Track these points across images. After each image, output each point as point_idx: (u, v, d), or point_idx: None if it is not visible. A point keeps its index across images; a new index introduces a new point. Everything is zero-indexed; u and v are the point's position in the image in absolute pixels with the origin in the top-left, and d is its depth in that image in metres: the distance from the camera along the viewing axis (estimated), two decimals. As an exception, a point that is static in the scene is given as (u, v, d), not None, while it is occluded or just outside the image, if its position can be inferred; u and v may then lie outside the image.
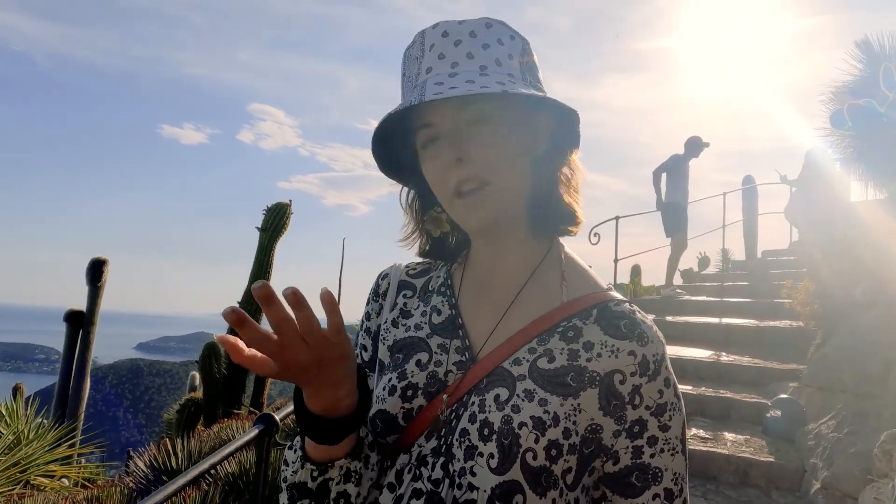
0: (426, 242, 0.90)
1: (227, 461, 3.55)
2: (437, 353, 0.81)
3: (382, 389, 0.81)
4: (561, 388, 0.73)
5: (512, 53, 0.78)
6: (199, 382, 7.52)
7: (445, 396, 0.77)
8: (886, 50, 4.57)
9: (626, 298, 0.82)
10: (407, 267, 0.95)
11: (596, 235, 8.24)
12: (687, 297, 8.24)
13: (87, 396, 7.64)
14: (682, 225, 7.76)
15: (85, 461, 6.64)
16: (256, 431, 2.38)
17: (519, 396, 0.73)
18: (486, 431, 0.72)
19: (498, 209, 0.77)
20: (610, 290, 0.83)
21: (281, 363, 0.61)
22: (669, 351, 0.80)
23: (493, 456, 0.70)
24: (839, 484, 3.21)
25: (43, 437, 5.75)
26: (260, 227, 7.48)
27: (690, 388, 5.02)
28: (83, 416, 7.49)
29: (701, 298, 8.18)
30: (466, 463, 0.72)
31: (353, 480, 0.75)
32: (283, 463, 0.79)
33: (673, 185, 7.67)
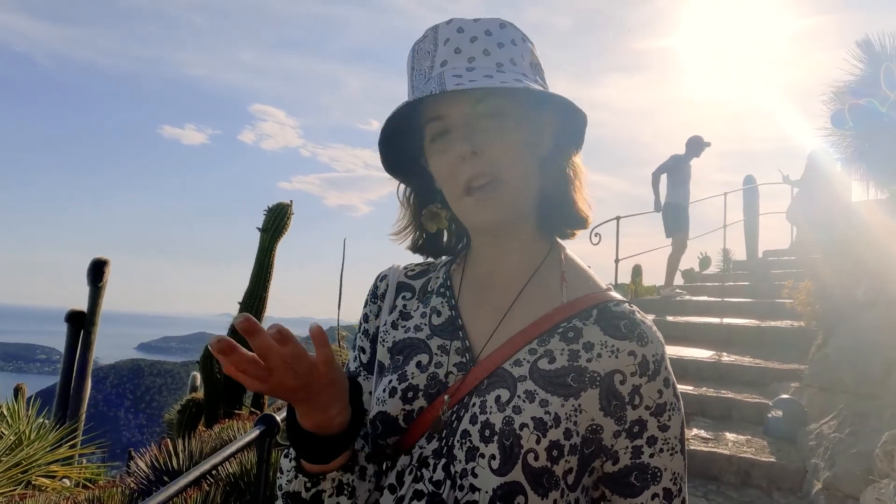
0: (419, 237, 0.90)
1: (228, 462, 3.56)
2: (437, 354, 0.81)
3: (383, 391, 0.81)
4: (562, 388, 0.74)
5: (524, 55, 0.79)
6: (199, 383, 7.52)
7: (447, 397, 0.77)
8: (887, 50, 4.57)
9: (625, 299, 0.82)
10: (405, 268, 0.94)
11: (597, 235, 8.24)
12: (687, 297, 8.24)
13: (88, 397, 7.65)
14: (682, 226, 7.74)
15: (86, 461, 6.65)
16: (258, 432, 2.38)
17: (520, 397, 0.73)
18: (487, 433, 0.72)
19: (508, 207, 0.77)
20: (609, 290, 0.83)
21: (268, 386, 0.63)
22: (670, 351, 0.80)
23: (494, 457, 0.70)
24: (841, 484, 3.20)
25: (44, 437, 5.75)
26: (261, 227, 7.48)
27: (692, 388, 5.01)
28: (84, 416, 7.50)
29: (702, 298, 8.16)
30: (468, 464, 0.72)
31: (345, 493, 0.75)
32: (279, 470, 0.79)
33: (673, 185, 7.65)
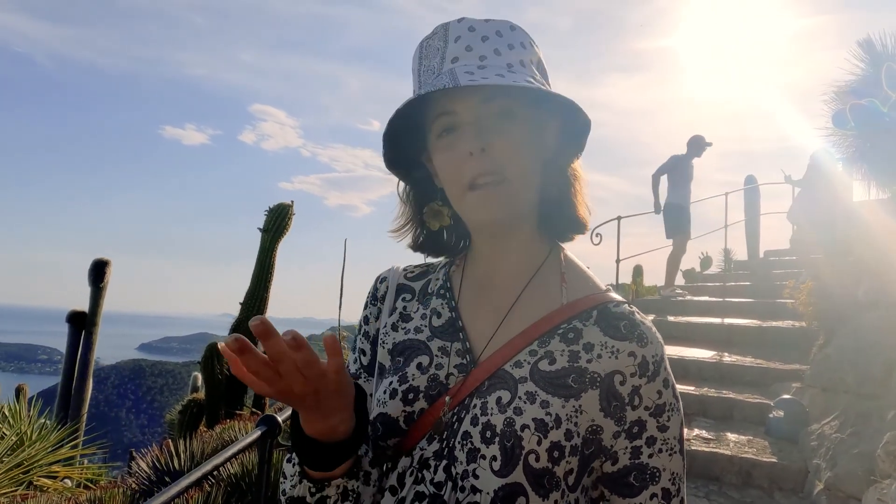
0: (420, 235, 0.89)
1: (229, 462, 3.56)
2: (437, 355, 0.81)
3: (383, 393, 0.81)
4: (562, 389, 0.74)
5: (531, 58, 0.79)
6: (201, 383, 7.52)
7: (448, 398, 0.77)
8: (889, 49, 4.56)
9: (624, 299, 0.82)
10: (405, 270, 0.94)
11: (598, 236, 8.23)
12: (688, 297, 8.23)
13: (89, 397, 7.66)
14: (682, 227, 7.71)
15: (87, 462, 6.65)
16: (259, 433, 2.38)
17: (521, 399, 0.73)
18: (488, 434, 0.72)
19: (510, 207, 0.77)
20: (609, 291, 0.83)
21: (276, 390, 0.62)
22: (672, 351, 0.80)
23: (495, 458, 0.70)
24: (842, 485, 3.20)
25: (46, 437, 5.76)
26: (262, 227, 7.48)
27: (693, 388, 5.00)
28: (86, 416, 7.51)
29: (703, 299, 8.16)
30: (469, 465, 0.72)
31: (350, 499, 0.75)
32: (281, 475, 0.79)
33: (674, 186, 7.63)
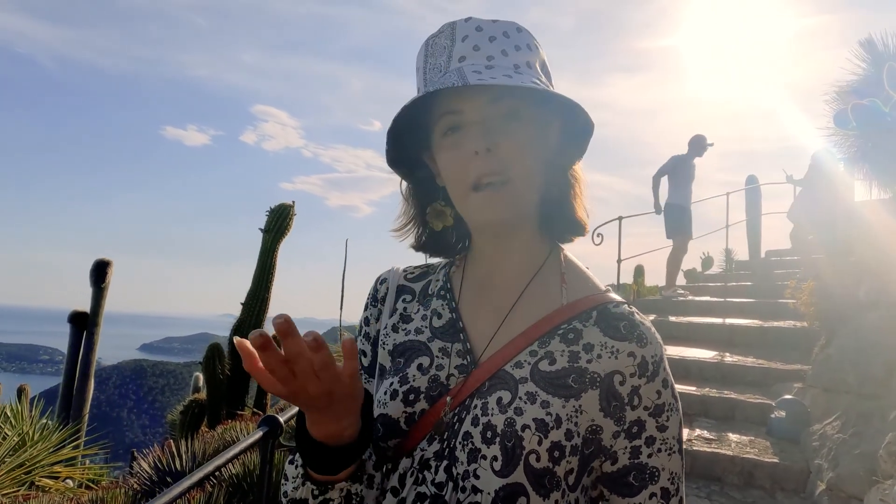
0: (422, 234, 0.89)
1: (230, 463, 3.56)
2: (438, 356, 0.81)
3: (384, 394, 0.81)
4: (562, 389, 0.74)
5: (537, 60, 0.80)
6: (202, 383, 7.53)
7: (449, 398, 0.77)
8: (890, 49, 4.55)
9: (624, 300, 0.82)
10: (405, 271, 0.94)
11: (599, 236, 8.22)
12: (689, 297, 8.23)
13: (91, 397, 7.67)
14: (682, 227, 7.68)
15: (89, 462, 6.66)
16: (261, 434, 2.37)
17: (521, 399, 0.73)
18: (489, 434, 0.72)
19: (513, 208, 0.77)
20: (608, 291, 0.83)
21: (290, 389, 0.62)
22: (673, 351, 0.81)
23: (496, 458, 0.71)
24: (844, 485, 3.19)
25: (47, 438, 5.77)
26: (263, 228, 7.49)
27: (694, 388, 5.00)
28: (87, 417, 7.52)
29: (704, 299, 8.16)
30: (470, 466, 0.72)
31: (353, 502, 0.75)
32: (283, 476, 0.79)
33: (675, 186, 7.61)
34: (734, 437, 4.28)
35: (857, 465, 3.19)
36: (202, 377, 7.43)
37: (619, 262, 8.82)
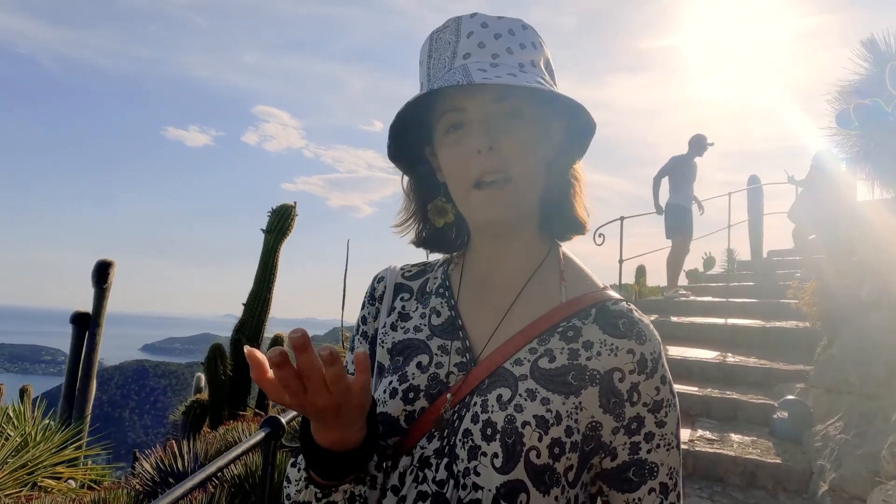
0: (423, 230, 0.89)
1: (233, 463, 3.57)
2: (437, 354, 0.81)
3: (383, 392, 0.81)
4: (562, 386, 0.74)
5: (541, 59, 0.80)
6: (204, 384, 7.53)
7: (449, 396, 0.77)
8: (893, 49, 4.54)
9: (622, 297, 0.82)
10: (402, 269, 0.94)
11: (601, 236, 8.22)
12: (691, 297, 8.22)
13: (93, 398, 7.67)
14: (684, 228, 7.67)
15: (91, 463, 6.67)
16: (263, 434, 2.37)
17: (521, 396, 0.73)
18: (489, 431, 0.72)
19: (514, 207, 0.77)
20: (607, 289, 0.83)
21: (299, 402, 0.62)
22: (675, 352, 0.81)
23: (497, 455, 0.71)
24: (847, 486, 3.19)
25: (50, 438, 5.77)
26: (265, 229, 7.50)
27: (696, 389, 5.00)
28: (90, 417, 7.52)
29: (706, 299, 8.15)
30: (470, 463, 0.72)
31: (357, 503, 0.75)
32: (285, 479, 0.79)
33: (675, 186, 7.60)
34: (736, 437, 4.28)
35: (859, 465, 3.18)
36: (204, 378, 7.44)
37: (620, 262, 8.81)
